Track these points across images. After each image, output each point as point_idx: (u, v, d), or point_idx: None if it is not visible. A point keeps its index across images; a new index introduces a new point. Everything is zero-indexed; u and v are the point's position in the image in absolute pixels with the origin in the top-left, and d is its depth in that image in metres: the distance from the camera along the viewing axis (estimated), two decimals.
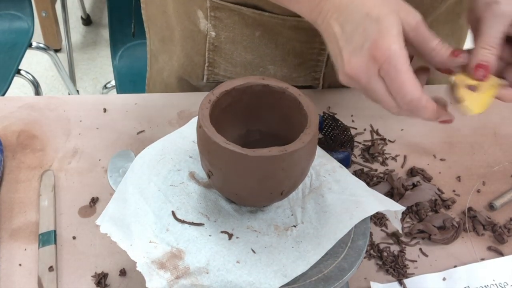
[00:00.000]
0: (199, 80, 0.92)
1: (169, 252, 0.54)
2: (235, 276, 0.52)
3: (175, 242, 0.54)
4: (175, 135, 0.65)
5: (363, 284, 0.69)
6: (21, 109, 0.88)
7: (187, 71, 0.92)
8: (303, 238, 0.56)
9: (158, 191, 0.59)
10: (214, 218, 0.57)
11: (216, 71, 0.89)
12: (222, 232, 0.56)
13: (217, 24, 0.83)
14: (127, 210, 0.58)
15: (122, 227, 0.56)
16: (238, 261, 0.53)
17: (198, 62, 0.89)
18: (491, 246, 0.73)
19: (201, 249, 0.54)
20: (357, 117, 0.89)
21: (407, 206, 0.76)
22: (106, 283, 0.67)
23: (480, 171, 0.82)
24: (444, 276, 0.70)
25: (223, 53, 0.87)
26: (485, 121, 0.90)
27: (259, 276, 0.52)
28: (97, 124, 0.86)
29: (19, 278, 0.68)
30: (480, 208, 0.77)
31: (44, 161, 0.81)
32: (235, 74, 0.89)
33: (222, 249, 0.54)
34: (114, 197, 0.60)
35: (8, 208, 0.75)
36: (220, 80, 0.90)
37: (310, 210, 0.59)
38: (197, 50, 0.88)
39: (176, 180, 0.60)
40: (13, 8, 1.71)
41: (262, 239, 0.56)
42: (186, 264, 0.53)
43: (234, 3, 0.80)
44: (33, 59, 2.07)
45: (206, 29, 0.84)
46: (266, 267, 0.53)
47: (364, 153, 0.84)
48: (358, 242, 0.56)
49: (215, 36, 0.85)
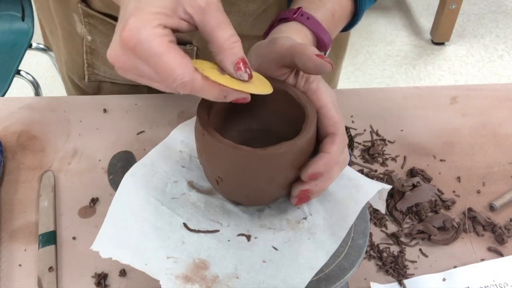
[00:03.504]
0: (81, 79, 0.94)
1: (191, 264, 0.52)
2: (265, 276, 0.52)
3: (196, 253, 0.53)
4: (160, 148, 0.63)
5: (363, 284, 0.69)
6: (21, 110, 0.88)
7: (70, 68, 0.95)
8: (316, 229, 0.56)
9: (161, 206, 0.57)
10: (227, 223, 0.57)
11: (96, 71, 0.91)
12: (239, 235, 0.55)
13: (92, 29, 0.86)
14: (129, 230, 0.55)
15: (128, 249, 0.54)
16: (264, 261, 0.53)
17: (78, 62, 0.91)
18: (491, 246, 0.73)
19: (225, 255, 0.53)
20: (357, 117, 0.89)
21: (407, 207, 0.76)
22: (106, 283, 0.67)
23: (480, 171, 0.82)
24: (444, 276, 0.70)
25: (100, 57, 0.89)
26: (485, 122, 0.90)
27: (288, 271, 0.52)
28: (97, 125, 0.86)
29: (19, 278, 0.68)
30: (480, 209, 0.77)
31: (44, 162, 0.81)
32: (113, 76, 0.91)
33: (245, 251, 0.54)
34: (108, 220, 0.56)
35: (8, 208, 0.75)
36: (101, 80, 0.93)
37: (314, 201, 0.58)
38: (76, 51, 0.90)
39: (176, 192, 0.59)
40: (13, 9, 1.71)
41: (279, 235, 0.56)
42: (213, 273, 0.52)
43: (102, 13, 0.82)
44: (33, 59, 2.06)
45: (83, 33, 0.86)
46: (292, 262, 0.53)
47: (364, 154, 0.84)
48: (359, 241, 0.57)
49: (91, 40, 0.87)
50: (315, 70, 0.53)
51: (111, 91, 0.96)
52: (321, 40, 0.65)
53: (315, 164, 0.51)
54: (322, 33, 0.65)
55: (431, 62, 2.51)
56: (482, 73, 2.45)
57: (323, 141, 0.53)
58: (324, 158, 0.52)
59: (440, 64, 2.50)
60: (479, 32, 2.67)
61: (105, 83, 0.95)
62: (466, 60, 2.52)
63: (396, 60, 2.50)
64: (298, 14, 0.64)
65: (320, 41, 0.65)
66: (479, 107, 0.92)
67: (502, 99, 0.94)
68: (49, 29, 0.96)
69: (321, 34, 0.64)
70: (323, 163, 0.51)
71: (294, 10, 0.65)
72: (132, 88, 0.94)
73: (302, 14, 0.64)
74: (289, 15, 0.64)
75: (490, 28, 2.69)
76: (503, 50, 2.57)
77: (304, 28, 0.64)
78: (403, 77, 2.43)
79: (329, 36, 0.66)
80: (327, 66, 0.52)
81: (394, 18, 2.68)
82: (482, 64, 2.50)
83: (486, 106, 0.93)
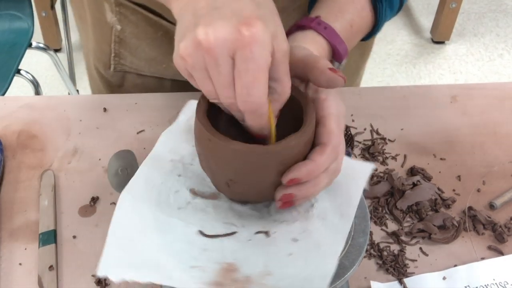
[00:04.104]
0: (107, 69, 0.93)
1: (220, 269, 0.51)
2: (296, 268, 0.51)
3: (222, 258, 0.52)
4: (150, 161, 0.62)
5: (363, 283, 0.69)
6: (21, 109, 0.88)
7: (96, 57, 0.94)
8: (325, 214, 0.56)
9: (170, 218, 0.56)
10: (240, 223, 0.56)
11: (122, 61, 0.91)
12: (256, 233, 0.55)
13: (122, 19, 0.85)
14: (141, 249, 0.53)
15: (144, 267, 0.52)
16: (290, 253, 0.53)
17: (105, 50, 0.90)
18: (491, 245, 0.73)
19: (251, 254, 0.53)
20: (357, 116, 0.89)
21: (408, 206, 0.76)
22: (107, 282, 0.67)
23: (480, 170, 0.82)
24: (444, 275, 0.70)
25: (128, 47, 0.88)
26: (485, 121, 0.90)
27: (315, 260, 0.52)
28: (97, 124, 0.86)
29: (19, 277, 0.68)
30: (480, 208, 0.77)
31: (44, 161, 0.81)
32: (140, 67, 0.91)
33: (269, 248, 0.53)
34: (111, 242, 0.53)
35: (8, 207, 0.75)
36: (126, 70, 0.92)
37: None
38: (104, 40, 0.89)
39: (182, 202, 0.58)
40: (13, 8, 1.71)
41: (294, 226, 0.55)
42: (244, 274, 0.51)
43: (135, 3, 0.82)
44: (33, 59, 2.06)
45: (112, 22, 0.86)
46: (317, 249, 0.53)
47: (364, 153, 0.84)
48: (359, 239, 0.57)
49: (120, 29, 0.86)
50: (326, 84, 0.53)
51: (135, 83, 0.95)
52: (336, 51, 0.65)
53: (296, 170, 0.51)
54: (339, 44, 0.64)
55: (431, 61, 2.51)
56: (482, 72, 2.45)
57: (313, 149, 0.53)
58: (307, 165, 0.51)
59: (440, 63, 2.50)
60: (479, 31, 2.67)
61: (130, 74, 0.94)
62: (466, 59, 2.52)
63: (397, 59, 2.50)
64: (316, 23, 0.63)
65: (336, 51, 0.65)
66: (479, 106, 0.92)
67: (502, 98, 0.94)
68: (79, 16, 0.96)
69: (337, 45, 0.64)
70: (306, 169, 0.51)
71: (312, 19, 0.64)
72: (156, 80, 0.93)
73: (319, 23, 0.64)
74: (306, 23, 0.64)
75: (490, 27, 2.69)
76: (503, 49, 2.57)
77: (320, 37, 0.64)
78: (403, 76, 2.43)
79: (345, 47, 0.65)
80: (339, 81, 0.52)
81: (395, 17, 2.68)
82: (482, 63, 2.50)
83: (486, 105, 0.92)
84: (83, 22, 0.95)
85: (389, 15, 0.72)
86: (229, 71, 0.45)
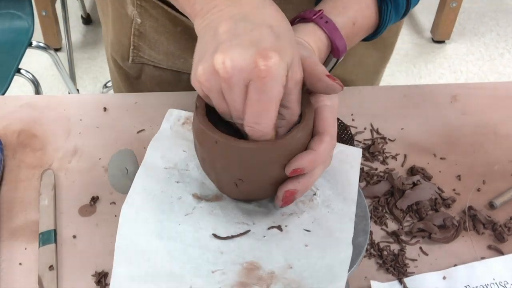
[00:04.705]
0: (125, 60, 0.94)
1: (241, 269, 0.52)
2: (314, 259, 0.52)
3: (241, 258, 0.53)
4: (144, 172, 0.61)
5: (363, 283, 0.69)
6: (21, 108, 0.88)
7: (114, 49, 0.95)
8: (329, 201, 0.57)
9: (179, 226, 0.55)
10: (251, 221, 0.56)
11: (141, 54, 0.92)
12: (269, 228, 0.55)
13: (142, 12, 0.86)
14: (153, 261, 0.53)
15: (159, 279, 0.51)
16: (306, 245, 0.53)
17: (124, 43, 0.91)
18: (491, 245, 0.73)
19: (270, 251, 0.53)
20: (357, 115, 0.89)
21: (408, 205, 0.76)
22: (106, 282, 0.67)
23: (480, 170, 0.82)
24: (444, 275, 0.70)
25: (147, 40, 0.89)
26: (485, 120, 0.90)
27: (331, 249, 0.52)
28: (97, 123, 0.86)
29: (19, 277, 0.68)
30: (480, 207, 0.77)
31: (44, 160, 0.81)
32: (158, 60, 0.92)
33: (285, 241, 0.54)
34: (120, 258, 0.52)
35: (8, 207, 0.75)
36: (144, 62, 0.93)
37: None
38: (124, 33, 0.90)
39: (187, 208, 0.57)
40: (13, 7, 1.71)
41: (303, 218, 0.56)
42: (268, 270, 0.51)
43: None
44: (33, 58, 2.06)
45: (133, 15, 0.86)
46: (330, 238, 0.54)
47: (364, 152, 0.84)
48: (359, 239, 0.57)
49: (140, 23, 0.87)
50: (324, 91, 0.54)
51: (153, 75, 0.96)
52: (335, 46, 0.65)
53: (300, 159, 0.52)
54: (338, 39, 0.65)
55: (431, 60, 2.51)
56: (482, 72, 2.45)
57: (312, 138, 0.54)
58: (310, 154, 0.52)
59: (440, 62, 2.50)
60: (480, 31, 2.67)
61: (147, 66, 0.95)
62: (466, 58, 2.52)
63: (397, 58, 2.50)
64: (318, 17, 0.64)
65: (334, 46, 0.65)
66: (479, 106, 0.92)
67: (502, 98, 0.94)
68: (101, 8, 0.98)
69: (336, 40, 0.65)
70: (308, 159, 0.52)
71: (315, 12, 0.65)
72: (174, 73, 0.94)
73: (321, 17, 0.64)
74: (309, 16, 0.65)
75: (490, 26, 2.69)
76: (504, 48, 2.57)
77: (320, 31, 0.64)
78: (403, 75, 2.43)
79: (344, 44, 0.66)
80: (337, 88, 0.53)
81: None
82: (482, 62, 2.50)
83: (486, 105, 0.92)
84: (104, 15, 0.97)
85: (394, 18, 0.72)
86: (243, 97, 0.48)
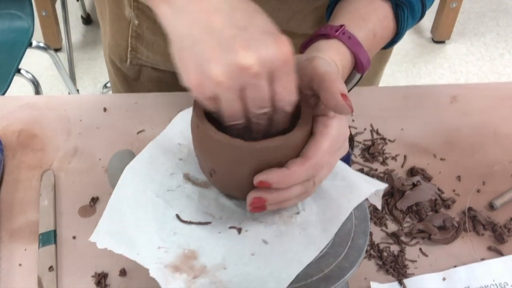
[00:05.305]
0: (123, 62, 0.95)
1: (181, 254, 0.53)
2: (253, 268, 0.52)
3: (186, 244, 0.54)
4: (160, 140, 0.64)
5: (363, 284, 0.69)
6: (21, 109, 0.88)
7: (112, 51, 0.95)
8: (308, 224, 0.56)
9: (156, 198, 0.58)
10: (219, 215, 0.57)
11: (138, 56, 0.92)
12: (230, 227, 0.56)
13: (140, 14, 0.86)
14: (125, 222, 0.56)
15: (122, 240, 0.55)
16: (252, 254, 0.54)
17: (122, 45, 0.92)
18: (491, 246, 0.73)
19: (214, 246, 0.54)
20: (357, 116, 0.89)
21: (407, 206, 0.76)
22: (106, 283, 0.67)
23: (480, 170, 0.82)
24: (444, 276, 0.70)
25: (145, 42, 0.89)
26: (485, 121, 0.90)
27: (276, 265, 0.52)
28: (97, 124, 0.86)
29: (19, 278, 0.68)
30: (480, 208, 0.77)
31: (44, 161, 0.81)
32: (156, 61, 0.92)
33: (234, 244, 0.54)
34: (107, 212, 0.57)
35: (8, 208, 0.75)
36: (142, 64, 0.94)
37: (308, 198, 0.59)
38: (121, 34, 0.91)
39: (173, 184, 0.60)
40: (13, 8, 1.71)
41: (270, 229, 0.56)
42: (202, 263, 0.53)
43: None
44: (33, 58, 2.06)
45: (130, 17, 0.87)
46: (281, 256, 0.53)
47: (364, 153, 0.84)
48: (359, 240, 0.57)
49: (137, 24, 0.87)
50: (333, 108, 0.53)
51: (151, 76, 0.97)
52: (359, 61, 0.64)
53: (267, 173, 0.50)
54: (362, 54, 0.64)
55: (431, 60, 2.51)
56: (482, 72, 2.45)
57: (291, 160, 0.52)
58: (280, 172, 0.50)
59: (440, 62, 2.50)
60: (480, 31, 2.67)
61: (145, 68, 0.95)
62: (466, 59, 2.52)
63: (397, 58, 2.50)
64: (340, 33, 0.63)
65: (358, 62, 0.64)
66: (479, 106, 0.92)
67: (502, 98, 0.94)
68: (99, 10, 0.98)
69: (360, 56, 0.64)
70: (277, 176, 0.50)
71: (336, 28, 0.63)
72: (172, 75, 0.94)
73: (344, 33, 0.63)
74: (330, 32, 0.63)
75: (490, 26, 2.69)
76: (504, 49, 2.57)
77: (344, 47, 0.63)
78: (403, 75, 2.43)
79: (368, 59, 0.65)
80: (346, 109, 0.52)
81: None
82: (482, 62, 2.50)
83: (486, 105, 0.92)
84: (102, 17, 0.97)
85: (411, 23, 0.71)
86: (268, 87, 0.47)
